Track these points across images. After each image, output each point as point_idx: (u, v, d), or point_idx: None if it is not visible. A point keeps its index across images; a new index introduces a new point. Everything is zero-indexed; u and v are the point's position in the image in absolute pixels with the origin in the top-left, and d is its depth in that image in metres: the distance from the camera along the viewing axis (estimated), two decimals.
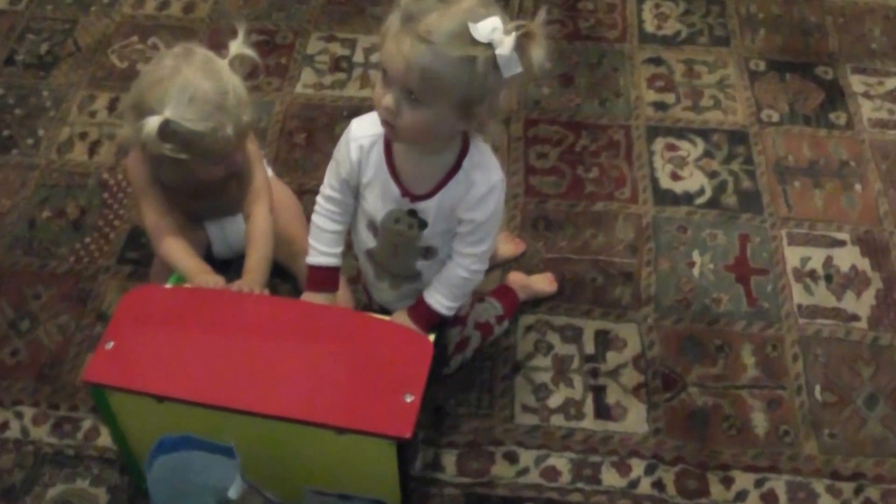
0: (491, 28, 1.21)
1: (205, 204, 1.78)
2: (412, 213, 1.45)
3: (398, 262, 1.53)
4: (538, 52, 1.24)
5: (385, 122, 1.33)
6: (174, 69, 1.52)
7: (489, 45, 1.22)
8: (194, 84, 1.50)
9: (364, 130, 1.45)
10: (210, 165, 1.59)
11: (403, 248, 1.50)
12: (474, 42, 1.22)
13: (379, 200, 1.46)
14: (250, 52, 1.59)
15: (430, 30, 1.21)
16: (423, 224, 1.45)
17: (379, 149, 1.44)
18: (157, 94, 1.50)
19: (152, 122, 1.47)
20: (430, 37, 1.21)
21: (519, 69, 1.24)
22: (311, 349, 1.42)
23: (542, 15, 1.25)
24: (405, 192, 1.43)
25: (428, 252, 1.50)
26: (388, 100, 1.29)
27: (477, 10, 1.24)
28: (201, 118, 1.49)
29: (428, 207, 1.43)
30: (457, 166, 1.41)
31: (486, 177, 1.41)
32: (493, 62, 1.23)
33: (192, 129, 1.49)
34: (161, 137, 1.48)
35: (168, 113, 1.48)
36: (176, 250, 1.64)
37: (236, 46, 1.58)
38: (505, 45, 1.22)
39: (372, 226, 1.50)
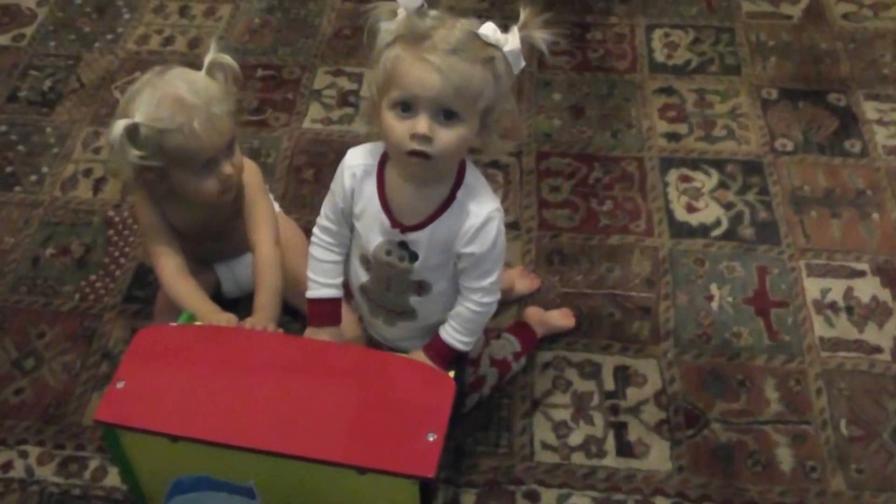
0: (493, 30, 1.27)
1: (214, 246, 1.76)
2: (403, 244, 1.42)
3: (391, 296, 1.50)
4: (540, 35, 1.29)
5: (417, 153, 1.29)
6: (147, 80, 1.54)
7: (497, 46, 1.27)
8: (162, 88, 1.51)
9: (358, 159, 1.44)
10: (198, 177, 1.56)
11: (396, 283, 1.47)
12: (487, 44, 1.26)
13: (370, 232, 1.44)
14: (226, 59, 1.58)
15: (450, 41, 1.25)
16: (413, 256, 1.43)
17: (372, 178, 1.42)
18: (130, 105, 1.52)
19: (118, 125, 1.48)
20: (453, 47, 1.24)
21: (523, 63, 1.29)
22: (330, 387, 1.38)
23: (523, 14, 1.29)
24: (395, 223, 1.41)
25: (421, 287, 1.47)
26: (422, 126, 1.27)
27: (468, 20, 1.29)
28: (167, 116, 1.49)
29: (419, 239, 1.41)
30: (451, 197, 1.39)
31: (480, 207, 1.39)
32: (506, 61, 1.28)
33: (159, 128, 1.48)
34: (132, 143, 1.49)
35: (137, 118, 1.49)
36: (185, 292, 1.61)
37: (210, 55, 1.58)
38: (511, 42, 1.27)
39: (365, 259, 1.48)
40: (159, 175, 1.55)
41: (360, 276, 1.51)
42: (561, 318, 1.83)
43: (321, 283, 1.52)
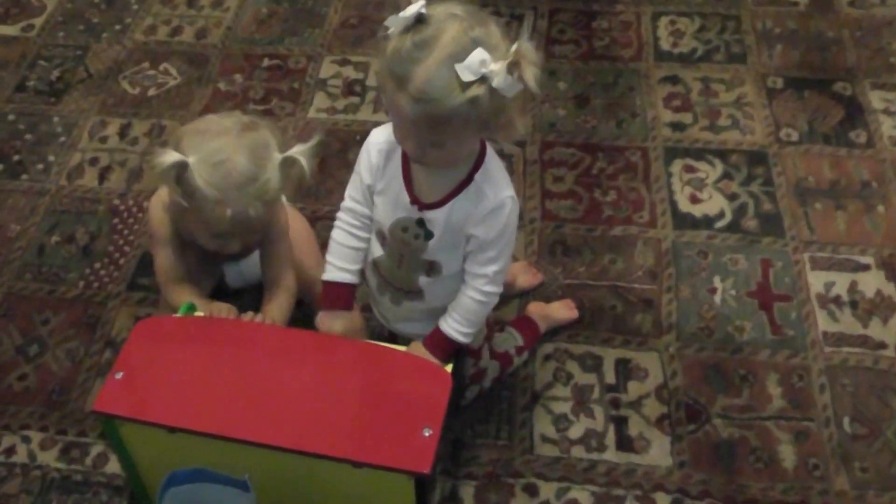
0: (479, 62, 1.19)
1: (223, 256, 1.75)
2: (420, 222, 1.42)
3: (401, 274, 1.50)
4: (530, 72, 1.20)
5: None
6: (226, 130, 1.48)
7: (484, 78, 1.20)
8: (231, 154, 1.45)
9: (384, 136, 1.44)
10: (206, 234, 1.55)
11: (408, 260, 1.47)
12: (469, 83, 1.20)
13: (389, 207, 1.45)
14: (305, 164, 1.49)
15: (423, 89, 1.20)
16: (428, 235, 1.43)
17: (397, 154, 1.43)
18: (196, 140, 1.47)
19: (171, 156, 1.43)
20: (426, 96, 1.21)
21: (521, 86, 1.21)
22: (328, 381, 1.39)
23: (525, 31, 1.22)
24: (414, 200, 1.42)
25: (432, 268, 1.47)
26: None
27: (460, 40, 1.21)
28: (213, 184, 1.44)
29: (436, 217, 1.41)
30: (469, 179, 1.39)
31: (495, 192, 1.39)
32: (494, 90, 1.21)
33: (199, 187, 1.44)
34: (174, 175, 1.44)
35: (191, 160, 1.44)
36: (185, 298, 1.61)
37: (299, 149, 1.50)
38: (498, 77, 1.19)
39: (381, 234, 1.49)
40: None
41: (375, 250, 1.52)
42: (563, 311, 1.82)
43: (338, 267, 1.52)
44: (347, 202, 1.51)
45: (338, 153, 2.17)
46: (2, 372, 1.79)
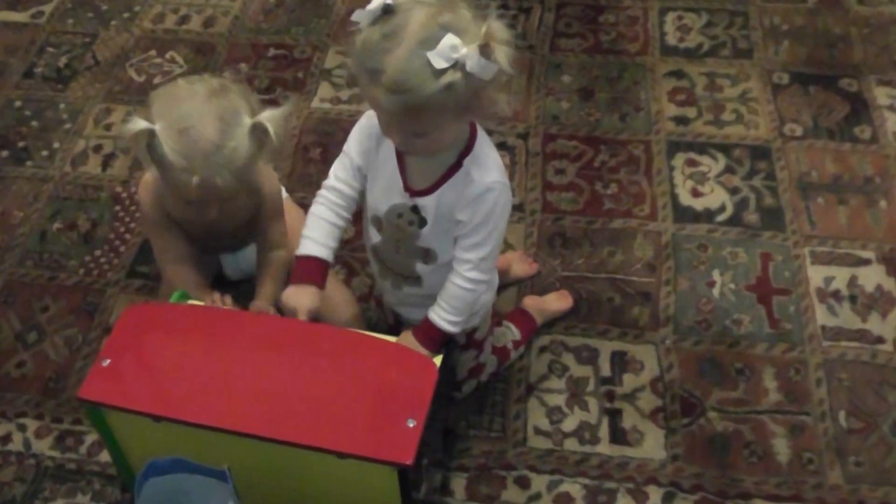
0: (450, 48, 1.18)
1: (217, 241, 1.75)
2: (415, 209, 1.41)
3: (399, 259, 1.49)
4: (503, 52, 1.19)
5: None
6: (193, 95, 1.46)
7: (457, 64, 1.19)
8: (198, 121, 1.42)
9: (377, 119, 1.41)
10: (179, 202, 1.55)
11: (404, 246, 1.46)
12: (443, 70, 1.19)
13: (383, 193, 1.44)
14: (272, 130, 1.45)
15: (396, 80, 1.19)
16: (423, 222, 1.42)
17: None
18: (165, 107, 1.45)
19: (138, 125, 1.41)
20: (400, 87, 1.19)
21: (496, 67, 1.20)
22: (313, 371, 1.38)
23: (493, 11, 1.21)
24: (406, 187, 1.41)
25: (427, 255, 1.46)
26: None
27: (429, 26, 1.20)
28: (179, 152, 1.41)
29: (427, 204, 1.40)
30: (458, 164, 1.38)
31: (483, 176, 1.37)
32: (469, 74, 1.20)
33: (166, 154, 1.42)
34: (143, 143, 1.42)
35: (158, 127, 1.42)
36: (183, 281, 1.62)
37: (268, 115, 1.46)
38: (471, 61, 1.18)
39: (376, 220, 1.47)
40: None
41: (373, 237, 1.51)
42: (558, 302, 1.82)
43: (315, 241, 1.48)
44: (332, 181, 1.49)
45: (341, 143, 2.12)
46: (0, 359, 1.80)
